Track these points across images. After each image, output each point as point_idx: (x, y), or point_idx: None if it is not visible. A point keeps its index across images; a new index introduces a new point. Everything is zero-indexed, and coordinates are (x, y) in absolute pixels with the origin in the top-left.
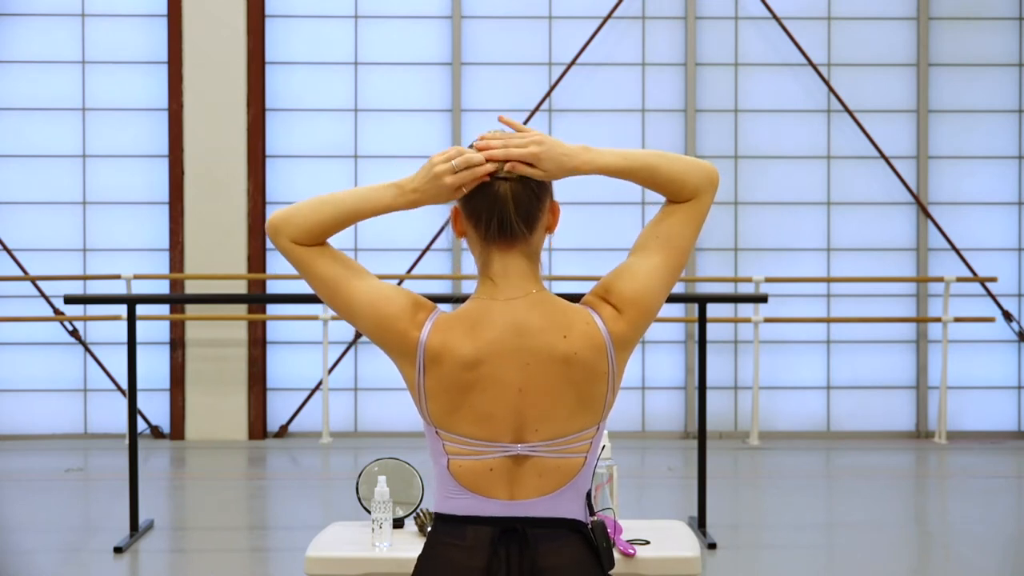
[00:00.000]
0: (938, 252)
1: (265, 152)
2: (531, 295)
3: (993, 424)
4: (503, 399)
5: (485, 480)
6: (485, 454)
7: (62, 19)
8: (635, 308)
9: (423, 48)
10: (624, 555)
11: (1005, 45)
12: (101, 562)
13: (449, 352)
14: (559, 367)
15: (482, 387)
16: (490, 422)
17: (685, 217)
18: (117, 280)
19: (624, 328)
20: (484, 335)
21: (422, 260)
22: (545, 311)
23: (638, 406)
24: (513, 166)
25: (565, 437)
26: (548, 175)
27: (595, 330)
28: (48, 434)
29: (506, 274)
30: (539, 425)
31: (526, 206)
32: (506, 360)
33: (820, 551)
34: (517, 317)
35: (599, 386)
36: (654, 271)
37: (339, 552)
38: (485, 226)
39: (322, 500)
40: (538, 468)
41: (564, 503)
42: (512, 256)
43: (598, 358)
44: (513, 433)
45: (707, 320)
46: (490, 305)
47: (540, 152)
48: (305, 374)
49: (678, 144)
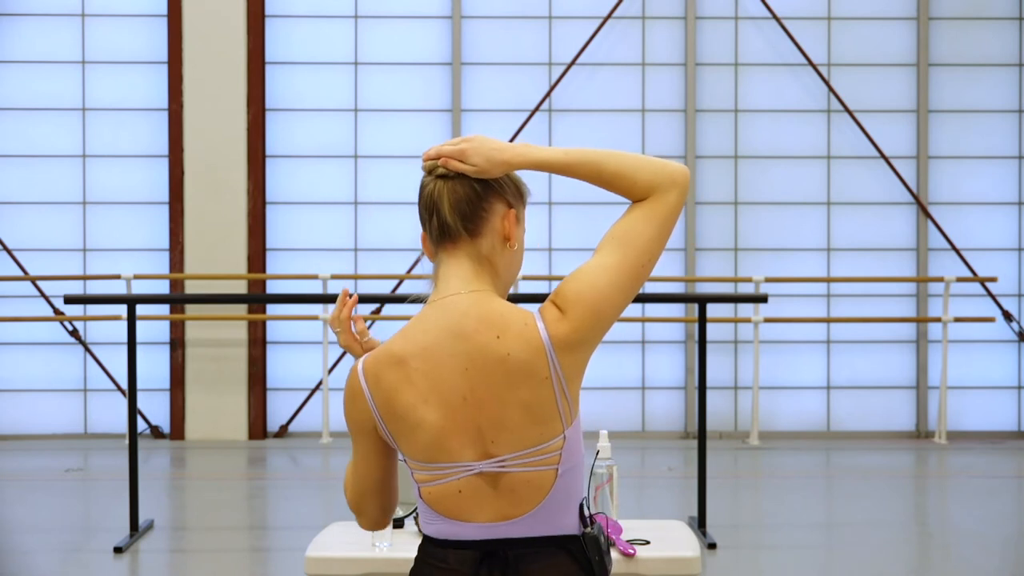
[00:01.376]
0: (938, 252)
1: (265, 152)
2: (471, 293)
3: (993, 424)
4: (450, 408)
5: (456, 504)
6: (449, 476)
7: (62, 19)
8: (578, 307)
9: (423, 48)
10: (624, 555)
11: (1005, 45)
12: (101, 562)
13: (384, 368)
14: (496, 368)
15: (424, 397)
16: (448, 438)
17: (642, 214)
18: (117, 280)
19: (567, 329)
20: (418, 339)
21: (422, 260)
22: (481, 310)
23: (638, 406)
24: (445, 161)
25: (527, 449)
26: (479, 170)
27: (532, 332)
28: (48, 434)
29: (447, 276)
30: (495, 436)
31: (464, 204)
32: (445, 363)
33: (820, 551)
34: (451, 318)
35: (543, 391)
36: (601, 269)
37: (339, 552)
38: (429, 226)
39: (322, 500)
40: (509, 485)
41: (546, 520)
42: (457, 258)
43: (535, 360)
44: (472, 449)
45: (707, 320)
46: (429, 310)
47: (468, 148)
48: (305, 374)
49: (678, 144)
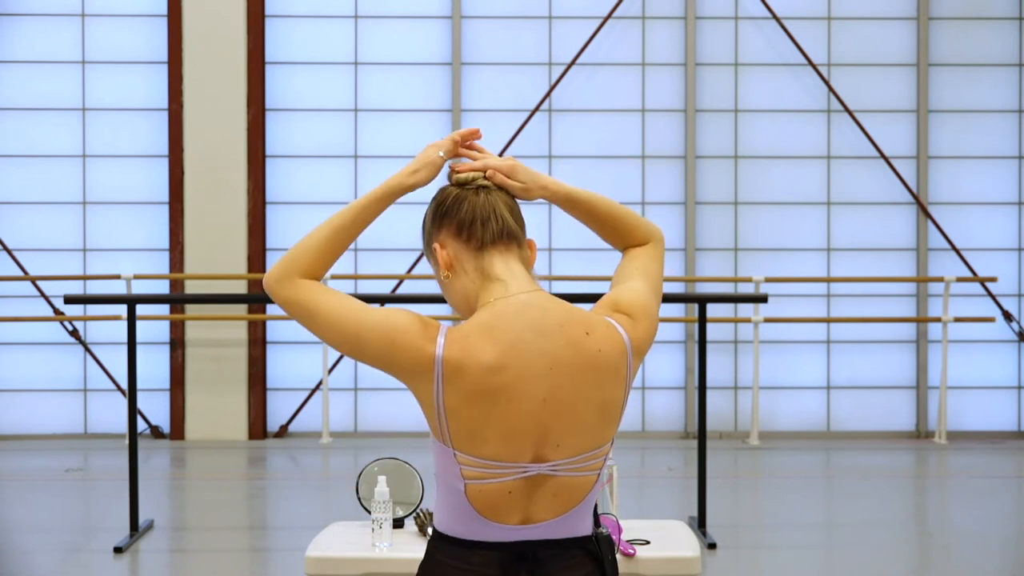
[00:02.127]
0: (938, 252)
1: (265, 152)
2: (537, 292)
3: (993, 424)
4: (527, 410)
5: (503, 504)
6: (505, 476)
7: (62, 19)
8: (645, 318)
9: (423, 48)
10: (624, 555)
11: (1005, 45)
12: (101, 562)
13: (470, 359)
14: (587, 365)
15: (508, 396)
16: (514, 439)
17: (649, 255)
18: (117, 280)
19: (640, 334)
20: (503, 337)
21: (422, 260)
22: (562, 308)
23: (638, 406)
24: (492, 173)
25: (585, 453)
26: (524, 188)
27: (615, 332)
28: (48, 434)
29: (512, 273)
30: (561, 439)
31: (517, 212)
32: (530, 364)
33: (820, 551)
34: (533, 314)
35: (618, 392)
36: (645, 291)
37: (339, 552)
38: (481, 230)
39: (322, 500)
40: (554, 488)
41: (575, 522)
42: (511, 261)
43: (620, 359)
44: (533, 451)
45: (707, 320)
46: (503, 305)
47: (517, 164)
48: (305, 374)
49: (678, 144)
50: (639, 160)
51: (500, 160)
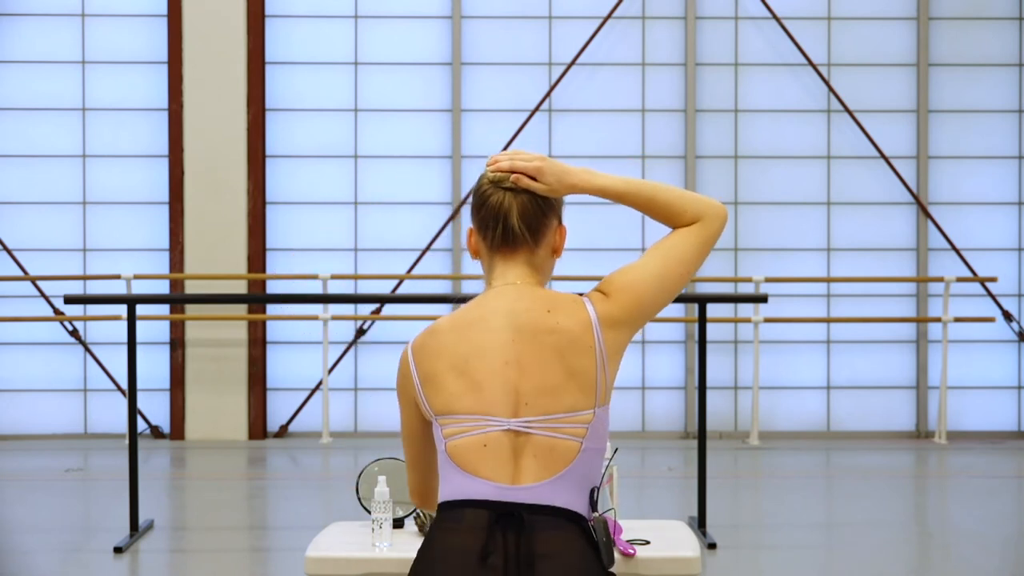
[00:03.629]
0: (938, 252)
1: (265, 152)
2: (525, 284)
3: (993, 424)
4: (492, 368)
5: (480, 457)
6: (479, 428)
7: (62, 19)
8: (624, 292)
9: (423, 48)
10: (624, 555)
11: (1005, 45)
12: (101, 562)
13: (432, 334)
14: (546, 337)
15: (475, 356)
16: (482, 392)
17: (688, 234)
18: (117, 280)
19: (611, 308)
20: (471, 314)
21: (422, 260)
22: (534, 295)
23: (638, 406)
24: (517, 178)
25: (557, 415)
26: (550, 189)
27: (581, 308)
28: (48, 434)
29: (504, 273)
30: (531, 398)
31: (530, 216)
32: (491, 333)
33: (820, 551)
34: (505, 300)
35: (586, 359)
36: (647, 268)
37: (339, 552)
38: (491, 234)
39: (322, 500)
40: (532, 448)
41: (563, 492)
42: (514, 264)
43: (583, 331)
44: (505, 407)
45: (707, 320)
46: (480, 297)
47: (543, 166)
48: (305, 374)
49: (678, 144)
50: (639, 160)
51: (528, 161)
